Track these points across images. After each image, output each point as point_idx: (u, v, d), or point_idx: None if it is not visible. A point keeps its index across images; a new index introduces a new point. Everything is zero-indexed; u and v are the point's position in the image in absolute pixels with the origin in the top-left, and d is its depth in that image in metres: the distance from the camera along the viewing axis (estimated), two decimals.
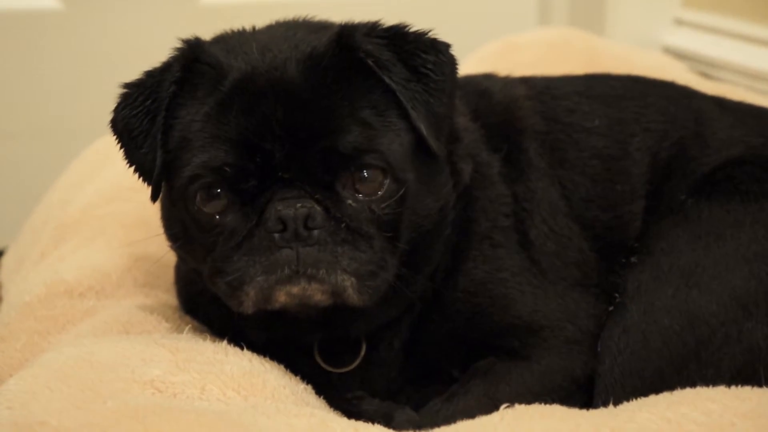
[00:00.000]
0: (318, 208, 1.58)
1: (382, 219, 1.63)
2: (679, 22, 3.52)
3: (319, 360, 1.81)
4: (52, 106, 3.27)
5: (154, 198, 1.74)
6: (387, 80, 1.64)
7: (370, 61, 1.64)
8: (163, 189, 1.75)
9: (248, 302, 1.62)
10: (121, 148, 1.75)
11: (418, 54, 1.68)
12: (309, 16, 1.84)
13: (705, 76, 3.25)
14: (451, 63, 1.71)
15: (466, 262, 1.81)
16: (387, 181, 1.63)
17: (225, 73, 1.66)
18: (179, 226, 1.73)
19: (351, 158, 1.60)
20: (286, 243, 1.57)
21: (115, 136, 1.76)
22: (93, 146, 2.71)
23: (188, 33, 1.76)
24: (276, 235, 1.58)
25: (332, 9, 1.79)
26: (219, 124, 1.61)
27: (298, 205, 1.57)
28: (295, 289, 1.59)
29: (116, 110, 1.74)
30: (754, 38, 3.23)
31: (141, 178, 1.74)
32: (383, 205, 1.63)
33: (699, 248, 1.76)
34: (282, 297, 1.60)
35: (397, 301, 1.74)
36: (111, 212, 2.32)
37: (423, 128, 1.64)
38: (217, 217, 1.62)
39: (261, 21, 1.85)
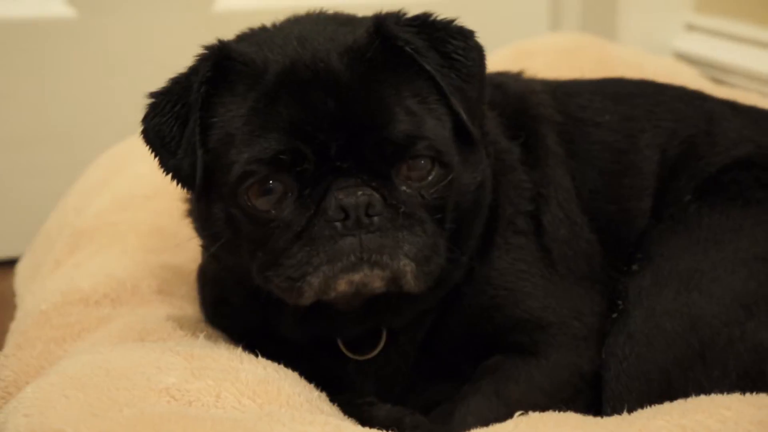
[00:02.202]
0: (377, 196, 1.60)
1: (431, 204, 1.66)
2: (691, 28, 3.51)
3: (341, 346, 1.82)
4: (65, 114, 3.28)
5: (198, 201, 1.74)
6: (428, 67, 1.67)
7: (409, 49, 1.67)
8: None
9: (309, 292, 1.62)
10: (155, 157, 1.74)
11: (448, 41, 1.71)
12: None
13: (717, 81, 3.24)
14: (479, 49, 1.74)
15: (492, 249, 1.83)
16: (436, 167, 1.65)
17: (265, 67, 1.67)
18: (222, 224, 1.70)
19: (404, 147, 1.62)
20: (348, 231, 1.59)
21: (147, 146, 1.75)
22: (106, 154, 2.72)
23: (202, 40, 1.76)
24: (338, 224, 1.59)
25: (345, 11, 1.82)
26: (267, 116, 1.62)
27: (359, 193, 1.59)
28: (357, 277, 1.60)
29: (145, 120, 1.74)
30: (766, 43, 3.22)
31: (180, 184, 1.74)
32: (432, 190, 1.66)
33: (698, 253, 1.78)
34: (342, 285, 1.61)
35: (437, 291, 1.75)
36: (125, 219, 2.33)
37: (463, 113, 1.67)
38: (273, 211, 1.63)
39: None
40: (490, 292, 1.82)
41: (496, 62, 3.11)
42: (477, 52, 1.73)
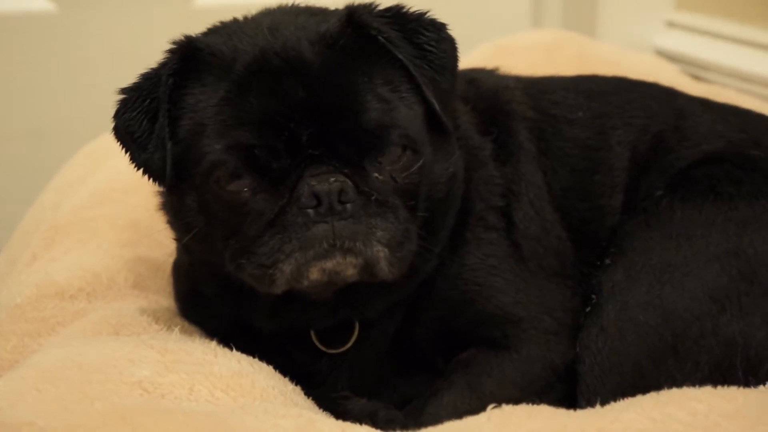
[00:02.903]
0: (350, 183, 1.61)
1: (403, 190, 1.66)
2: (671, 25, 3.52)
3: (315, 339, 1.82)
4: (45, 109, 3.27)
5: (170, 192, 1.74)
6: (400, 57, 1.68)
7: (382, 39, 1.68)
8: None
9: (282, 280, 1.62)
10: (126, 152, 1.75)
11: (421, 32, 1.72)
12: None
13: (697, 78, 3.26)
14: (451, 41, 1.76)
15: (462, 245, 1.84)
16: (407, 154, 1.66)
17: (234, 57, 1.67)
18: (194, 214, 1.71)
19: (376, 135, 1.63)
20: (321, 218, 1.59)
21: (119, 143, 1.75)
22: (85, 149, 2.71)
23: (183, 34, 1.76)
24: (310, 211, 1.59)
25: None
26: (239, 106, 1.63)
27: (332, 179, 1.60)
28: (329, 264, 1.61)
29: (116, 116, 1.74)
30: (746, 41, 3.23)
31: (151, 179, 1.74)
32: (404, 175, 1.66)
33: (671, 247, 1.79)
34: (315, 273, 1.61)
35: (410, 280, 1.76)
36: (102, 214, 2.32)
37: (435, 103, 1.69)
38: (245, 197, 1.63)
39: None
40: (462, 286, 1.82)
41: (476, 59, 3.13)
42: (449, 44, 1.75)
